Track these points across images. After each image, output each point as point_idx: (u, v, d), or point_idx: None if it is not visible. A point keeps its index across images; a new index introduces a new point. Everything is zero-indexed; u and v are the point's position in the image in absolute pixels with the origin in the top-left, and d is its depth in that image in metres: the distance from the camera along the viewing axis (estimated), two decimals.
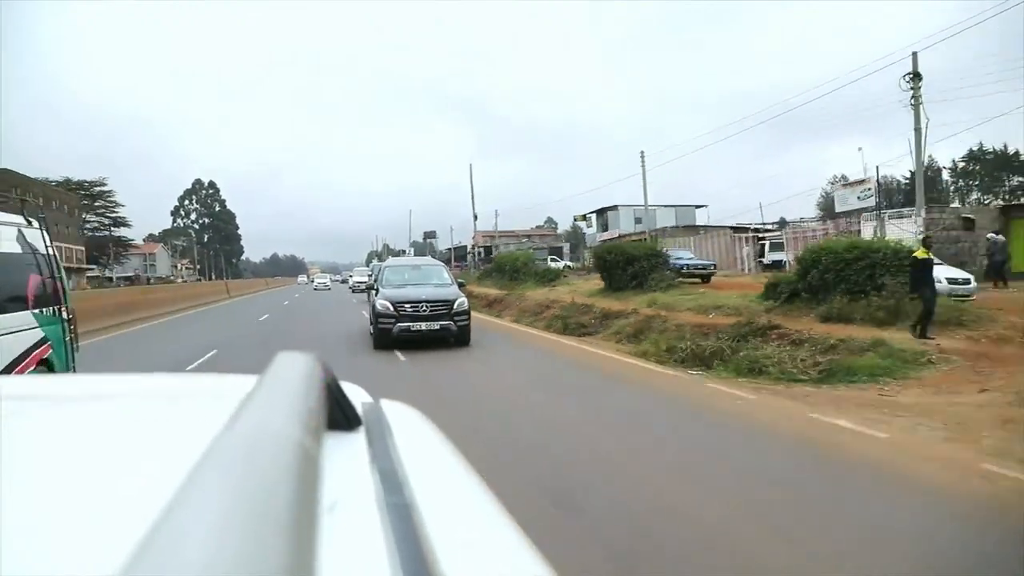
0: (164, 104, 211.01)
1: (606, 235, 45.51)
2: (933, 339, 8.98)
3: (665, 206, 46.80)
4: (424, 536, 0.48)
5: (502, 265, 30.56)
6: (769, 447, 5.22)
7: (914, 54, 18.88)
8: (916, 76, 18.74)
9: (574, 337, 13.28)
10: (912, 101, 18.87)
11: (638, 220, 43.35)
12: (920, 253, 9.85)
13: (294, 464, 0.36)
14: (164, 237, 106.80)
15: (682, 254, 22.35)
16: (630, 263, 18.02)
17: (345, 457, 0.64)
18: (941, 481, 4.30)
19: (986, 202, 64.65)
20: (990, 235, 17.53)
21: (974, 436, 5.26)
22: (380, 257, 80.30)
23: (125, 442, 0.72)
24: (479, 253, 52.20)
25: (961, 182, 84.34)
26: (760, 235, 31.49)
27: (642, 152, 34.89)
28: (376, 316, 11.40)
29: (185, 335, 16.26)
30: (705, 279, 20.57)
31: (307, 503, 0.34)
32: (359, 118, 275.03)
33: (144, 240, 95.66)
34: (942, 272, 12.21)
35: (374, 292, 12.38)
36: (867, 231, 21.54)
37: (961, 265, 19.02)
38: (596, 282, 20.66)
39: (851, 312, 10.32)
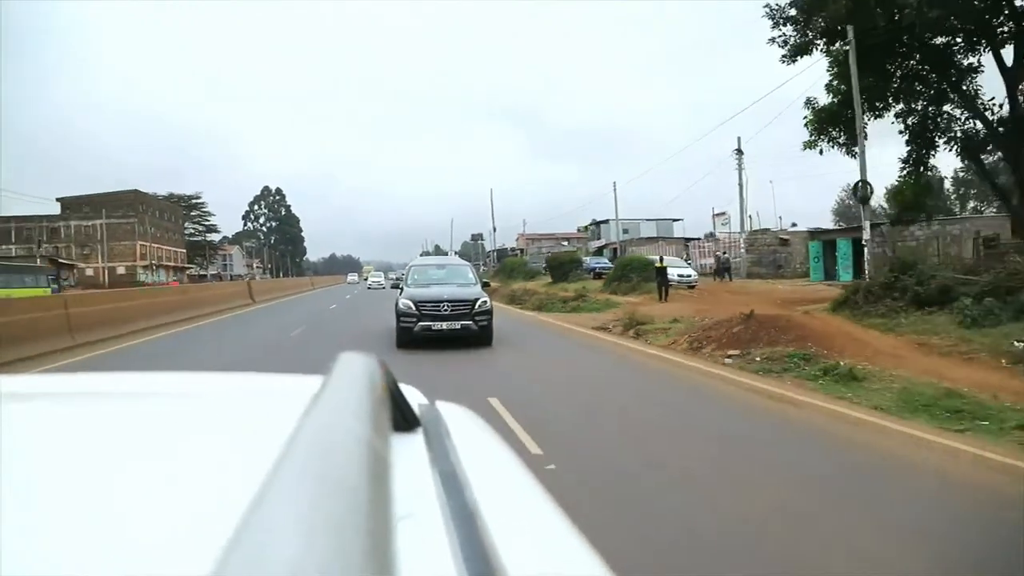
0: (236, 115, 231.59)
1: (597, 243, 57.83)
2: (666, 301, 20.95)
3: (647, 220, 58.69)
4: (488, 537, 0.49)
5: (505, 267, 43.62)
6: (527, 323, 17.95)
7: (738, 138, 30.88)
8: (739, 152, 30.72)
9: (512, 305, 25.90)
10: (736, 167, 30.82)
11: (625, 231, 55.36)
12: (659, 264, 22.05)
13: (367, 464, 0.37)
14: (237, 239, 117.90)
15: (600, 260, 35.03)
16: (561, 266, 30.66)
17: (405, 457, 0.65)
18: (555, 326, 17.00)
19: (982, 209, 73.75)
20: (718, 254, 29.59)
21: (577, 320, 17.71)
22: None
23: (208, 439, 0.74)
24: (495, 256, 65.25)
25: (962, 190, 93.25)
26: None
27: (614, 183, 47.13)
28: (398, 315, 11.39)
29: (312, 302, 30.02)
30: None
31: (382, 502, 0.36)
32: (413, 123, 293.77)
33: (219, 242, 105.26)
34: (676, 271, 24.22)
35: (399, 291, 12.45)
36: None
37: (777, 268, 31.20)
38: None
39: (620, 290, 22.73)
